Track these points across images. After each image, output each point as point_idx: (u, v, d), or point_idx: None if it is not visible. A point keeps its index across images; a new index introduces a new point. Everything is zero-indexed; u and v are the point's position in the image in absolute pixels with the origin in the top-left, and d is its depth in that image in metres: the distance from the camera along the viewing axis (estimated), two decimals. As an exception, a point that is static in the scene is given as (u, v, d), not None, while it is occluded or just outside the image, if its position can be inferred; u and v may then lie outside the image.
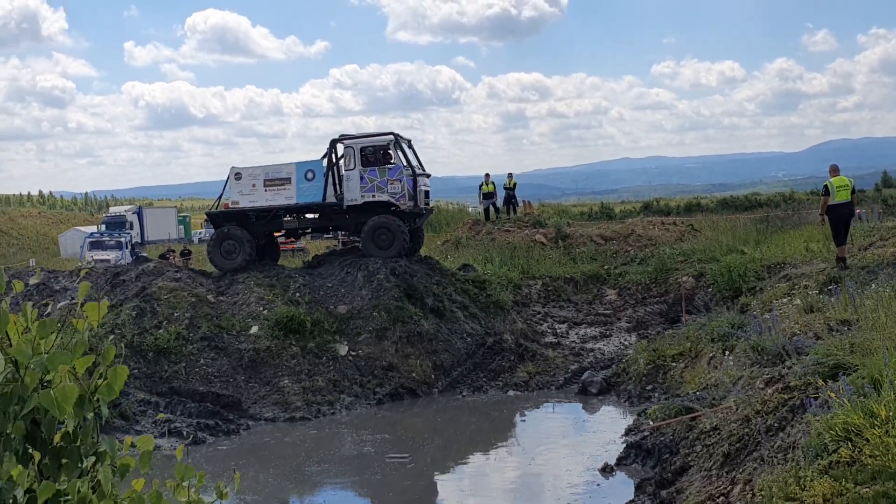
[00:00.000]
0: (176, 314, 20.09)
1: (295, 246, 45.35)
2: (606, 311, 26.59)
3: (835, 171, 19.33)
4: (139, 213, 64.27)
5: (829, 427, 7.69)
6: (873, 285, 14.54)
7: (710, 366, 15.70)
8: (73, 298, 20.83)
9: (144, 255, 40.69)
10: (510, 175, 38.32)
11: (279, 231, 25.27)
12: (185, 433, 16.33)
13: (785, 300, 17.47)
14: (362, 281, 21.87)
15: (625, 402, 17.87)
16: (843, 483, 6.80)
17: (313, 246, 45.11)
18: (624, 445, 14.15)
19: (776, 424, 9.55)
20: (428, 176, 24.74)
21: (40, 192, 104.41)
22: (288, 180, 23.53)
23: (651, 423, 14.21)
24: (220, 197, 24.76)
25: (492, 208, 36.28)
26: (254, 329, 20.12)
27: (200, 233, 76.77)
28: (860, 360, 9.41)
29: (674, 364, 17.77)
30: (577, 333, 24.65)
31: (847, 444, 7.37)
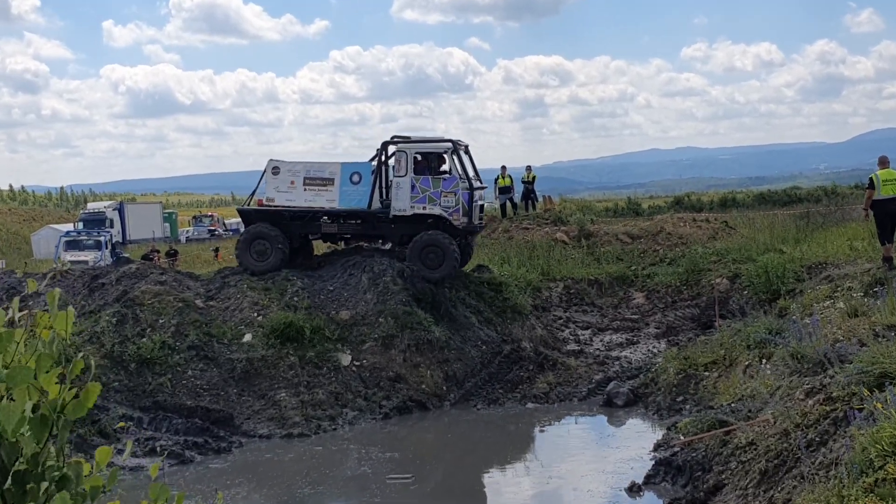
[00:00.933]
0: (161, 321, 20.13)
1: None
2: (633, 316, 26.64)
3: (883, 163, 19.35)
4: (120, 210, 64.43)
5: (875, 441, 7.72)
6: (923, 287, 14.55)
7: (745, 375, 15.74)
8: (46, 305, 20.87)
9: (126, 255, 40.77)
10: (528, 168, 38.36)
11: (316, 234, 25.00)
12: (171, 452, 16.37)
13: (827, 303, 17.49)
14: (367, 284, 21.93)
15: (653, 414, 17.91)
16: (891, 502, 6.83)
17: (313, 245, 45.16)
18: (652, 462, 14.20)
19: (817, 439, 9.59)
20: (483, 188, 24.68)
21: (11, 186, 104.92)
22: (331, 181, 23.27)
23: (682, 437, 14.25)
24: (254, 192, 24.46)
25: (508, 204, 36.30)
26: (247, 337, 20.16)
27: (188, 231, 76.94)
28: (909, 369, 9.44)
29: (706, 373, 17.81)
30: (601, 340, 24.69)
31: (894, 459, 7.40)
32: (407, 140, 23.75)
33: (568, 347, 23.76)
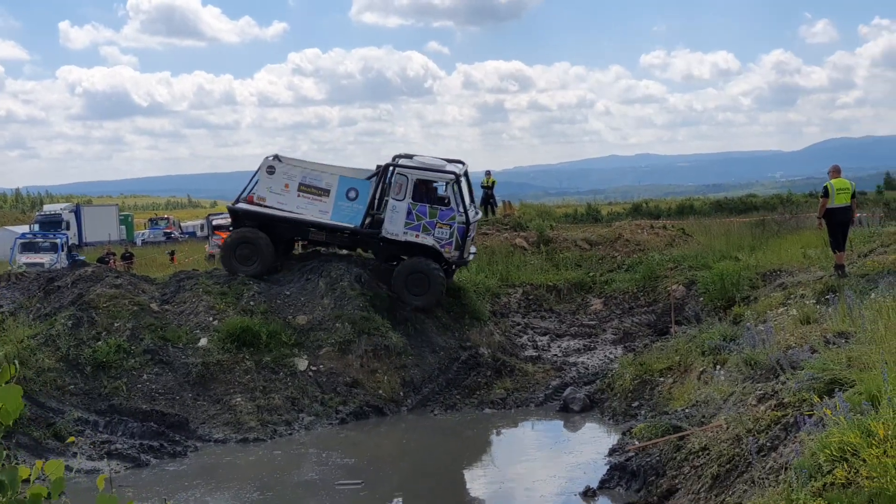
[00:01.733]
0: (116, 324, 19.96)
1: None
2: (591, 322, 26.80)
3: (836, 172, 19.65)
4: (77, 212, 63.84)
5: (824, 446, 7.84)
6: (873, 295, 14.78)
7: (700, 381, 15.90)
8: (1, 307, 20.67)
9: (82, 258, 40.41)
10: (488, 173, 38.50)
11: (303, 240, 24.62)
12: (126, 455, 16.27)
13: (780, 310, 17.73)
14: (324, 289, 21.88)
15: (609, 419, 18.05)
16: (838, 506, 6.94)
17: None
18: (607, 467, 14.30)
19: (768, 444, 9.72)
20: (478, 217, 24.43)
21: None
22: (326, 192, 22.73)
23: (636, 442, 14.36)
24: (246, 189, 23.77)
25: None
26: (203, 341, 20.05)
27: (144, 234, 76.33)
28: (857, 375, 9.59)
29: (662, 379, 17.98)
30: (559, 346, 24.82)
31: (843, 464, 7.52)
32: (409, 165, 23.14)
33: (526, 353, 23.84)
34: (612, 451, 15.22)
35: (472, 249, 23.90)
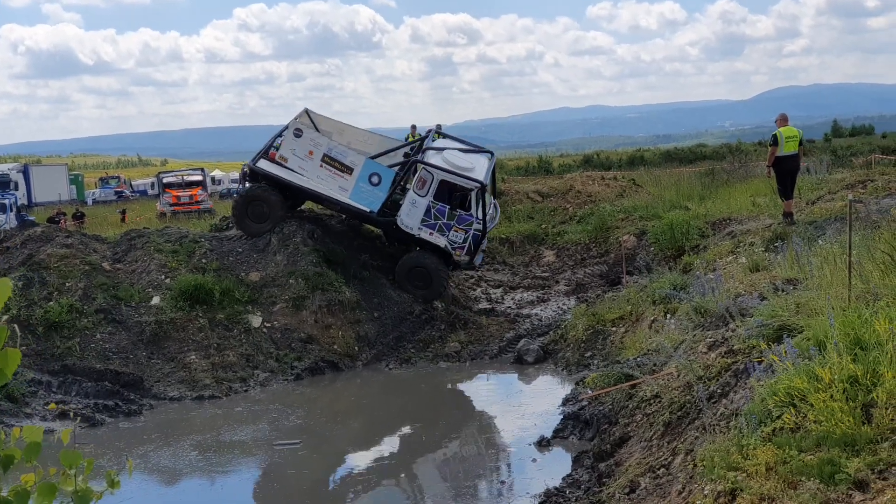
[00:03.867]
0: (68, 284, 19.69)
1: (201, 207, 44.80)
2: (544, 274, 26.93)
3: (783, 120, 19.78)
4: (25, 172, 62.80)
5: (773, 392, 7.92)
6: (820, 241, 14.96)
7: (651, 330, 16.02)
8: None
9: (31, 218, 39.88)
10: (439, 127, 38.24)
11: (318, 204, 24.26)
12: (81, 415, 16.11)
13: (729, 258, 17.90)
14: (276, 245, 21.73)
15: (563, 370, 18.15)
16: (787, 451, 7.02)
17: (221, 207, 44.62)
18: (561, 417, 14.39)
19: (719, 391, 9.80)
20: (495, 223, 24.46)
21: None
22: (349, 171, 22.26)
23: (589, 391, 14.48)
24: (268, 147, 23.17)
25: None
26: (155, 300, 19.86)
27: (94, 193, 75.35)
28: (805, 322, 9.68)
29: (614, 329, 18.10)
30: (512, 298, 24.91)
31: (791, 409, 7.60)
32: (444, 137, 23.36)
33: (479, 306, 23.89)
34: (565, 401, 15.31)
35: (481, 256, 23.82)
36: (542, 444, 13.66)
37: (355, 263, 22.22)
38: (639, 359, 14.34)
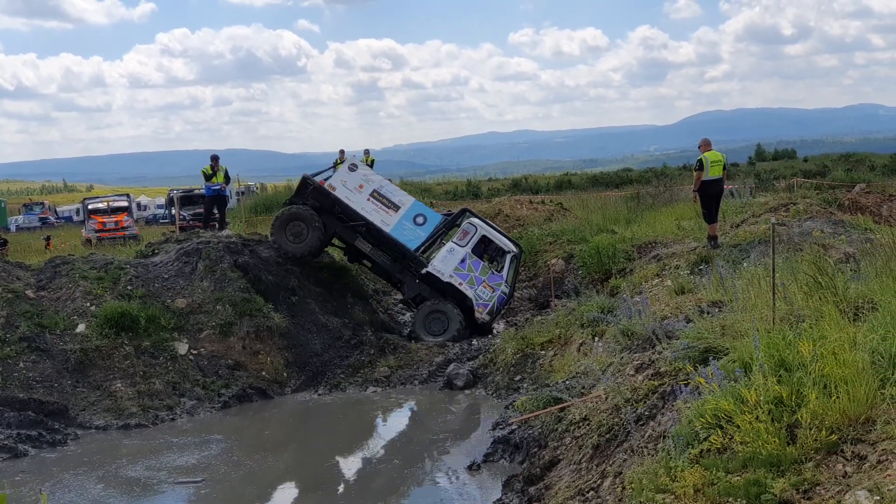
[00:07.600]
0: (-11, 313, 19.22)
1: (126, 233, 44.11)
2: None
3: (707, 145, 20.08)
4: (-54, 199, 61.26)
5: (700, 414, 7.96)
6: (745, 264, 15.17)
7: (579, 353, 16.08)
8: None
9: (-48, 246, 38.75)
10: (366, 151, 38.20)
11: (346, 243, 24.44)
12: (3, 446, 15.61)
13: (655, 281, 18.08)
14: (203, 271, 21.44)
15: (492, 394, 18.12)
16: (714, 472, 7.05)
17: (147, 233, 43.99)
18: (491, 441, 14.34)
19: (646, 413, 9.84)
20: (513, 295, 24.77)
21: None
22: (396, 208, 23.17)
23: (519, 415, 14.45)
24: (323, 172, 24.60)
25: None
26: (80, 327, 19.45)
27: (18, 219, 73.78)
28: (731, 343, 9.77)
29: (543, 352, 18.13)
30: (441, 322, 24.82)
31: (717, 431, 7.65)
32: (482, 219, 24.11)
33: (409, 330, 23.80)
34: (495, 426, 15.27)
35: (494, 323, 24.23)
36: (473, 468, 13.60)
37: (284, 289, 22.01)
38: (567, 382, 14.37)
